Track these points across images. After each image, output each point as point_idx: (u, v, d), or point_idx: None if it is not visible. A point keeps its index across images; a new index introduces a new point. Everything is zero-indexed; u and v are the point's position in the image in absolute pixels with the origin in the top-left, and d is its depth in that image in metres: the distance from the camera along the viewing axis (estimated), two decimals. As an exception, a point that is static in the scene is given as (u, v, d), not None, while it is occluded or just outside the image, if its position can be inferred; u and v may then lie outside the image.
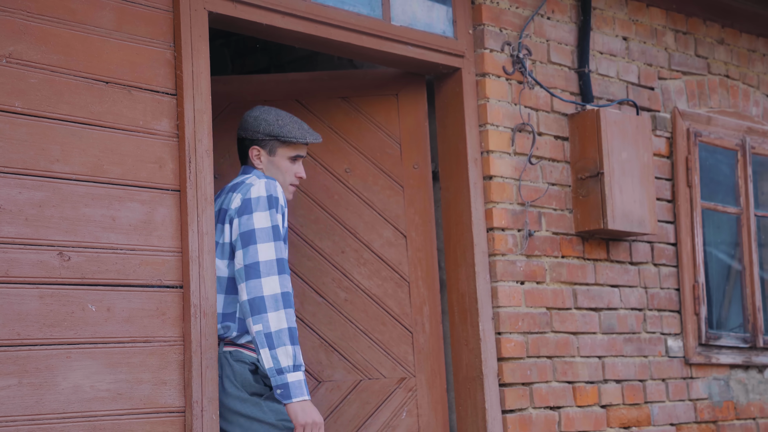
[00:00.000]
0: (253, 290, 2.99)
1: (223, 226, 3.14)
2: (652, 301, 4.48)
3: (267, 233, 3.04)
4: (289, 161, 3.27)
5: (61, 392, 2.79)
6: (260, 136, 3.24)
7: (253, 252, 3.03)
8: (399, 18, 3.81)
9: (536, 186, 4.08)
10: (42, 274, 2.80)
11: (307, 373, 3.71)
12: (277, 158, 3.26)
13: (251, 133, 3.26)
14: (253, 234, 3.04)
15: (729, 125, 4.91)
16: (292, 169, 3.28)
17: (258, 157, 3.26)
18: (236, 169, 3.59)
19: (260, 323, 2.97)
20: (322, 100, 3.86)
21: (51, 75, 2.89)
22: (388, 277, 3.87)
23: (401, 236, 3.91)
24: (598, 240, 4.28)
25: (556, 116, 4.20)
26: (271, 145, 3.25)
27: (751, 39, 5.18)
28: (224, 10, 3.28)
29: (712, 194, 4.82)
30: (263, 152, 3.26)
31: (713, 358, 4.68)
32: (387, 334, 3.83)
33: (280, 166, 3.26)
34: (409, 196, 3.93)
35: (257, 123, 3.25)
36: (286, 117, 3.26)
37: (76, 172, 2.91)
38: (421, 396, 3.85)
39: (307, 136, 3.24)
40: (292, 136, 3.23)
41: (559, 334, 4.07)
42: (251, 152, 3.27)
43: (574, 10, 4.35)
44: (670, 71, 4.73)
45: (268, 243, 3.03)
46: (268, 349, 2.96)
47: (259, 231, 3.04)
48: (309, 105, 3.86)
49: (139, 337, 2.97)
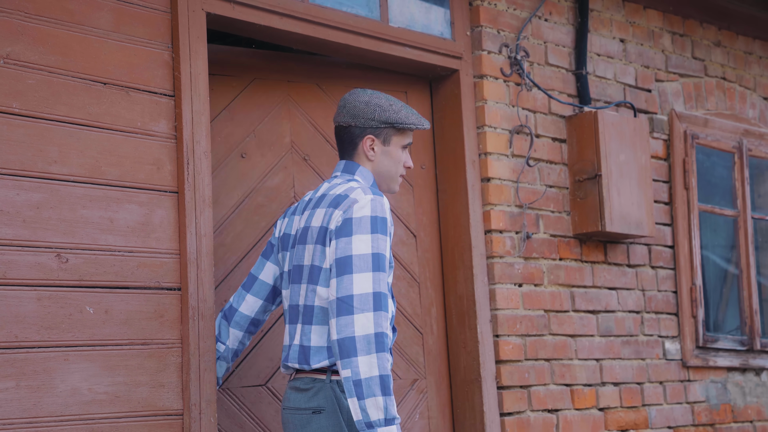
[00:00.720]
0: (344, 329, 2.58)
1: (324, 248, 2.71)
2: (649, 303, 4.47)
3: (365, 261, 2.62)
4: (402, 150, 2.90)
5: (59, 395, 2.77)
6: (375, 124, 2.83)
7: (348, 283, 2.61)
8: (397, 20, 3.81)
9: (534, 188, 4.08)
10: (40, 276, 2.78)
11: None
12: (391, 147, 2.87)
13: (364, 121, 2.83)
14: (350, 261, 2.62)
15: (726, 127, 4.92)
16: (403, 158, 2.90)
17: (372, 147, 2.85)
18: (263, 149, 3.54)
19: (348, 368, 2.57)
20: (340, 87, 3.80)
21: (49, 76, 2.88)
22: (401, 276, 3.84)
23: (412, 236, 3.89)
24: (595, 242, 4.27)
25: (553, 118, 4.20)
26: (386, 134, 2.85)
27: (748, 41, 5.18)
28: (222, 11, 3.27)
29: (709, 197, 4.82)
30: (377, 141, 2.85)
31: (710, 360, 4.68)
32: (401, 335, 3.80)
33: (394, 156, 2.87)
34: (418, 196, 3.92)
35: (370, 109, 2.83)
36: (396, 101, 2.89)
37: (74, 173, 2.89)
38: (431, 398, 3.83)
39: (423, 122, 2.88)
40: (411, 123, 2.85)
41: (557, 336, 4.07)
42: (365, 143, 2.84)
43: (572, 12, 4.35)
44: (667, 73, 4.73)
45: (365, 273, 2.61)
46: (356, 399, 2.56)
47: (357, 258, 2.62)
48: (328, 90, 3.76)
49: (137, 340, 2.95)
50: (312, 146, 3.66)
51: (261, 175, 3.54)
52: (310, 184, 3.63)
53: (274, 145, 3.58)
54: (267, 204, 3.53)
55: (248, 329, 3.04)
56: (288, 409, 2.78)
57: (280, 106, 3.62)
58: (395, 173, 2.89)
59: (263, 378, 3.41)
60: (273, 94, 3.61)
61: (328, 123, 3.71)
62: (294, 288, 2.80)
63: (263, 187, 3.53)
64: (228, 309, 3.05)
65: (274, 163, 3.57)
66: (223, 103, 3.48)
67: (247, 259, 3.45)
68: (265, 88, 3.55)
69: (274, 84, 3.59)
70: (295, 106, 3.65)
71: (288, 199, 3.57)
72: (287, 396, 2.80)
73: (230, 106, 3.50)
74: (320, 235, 2.72)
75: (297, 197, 3.59)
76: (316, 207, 2.79)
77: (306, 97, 3.69)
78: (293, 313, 2.80)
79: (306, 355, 2.72)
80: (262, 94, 3.56)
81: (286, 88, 3.64)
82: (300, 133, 3.65)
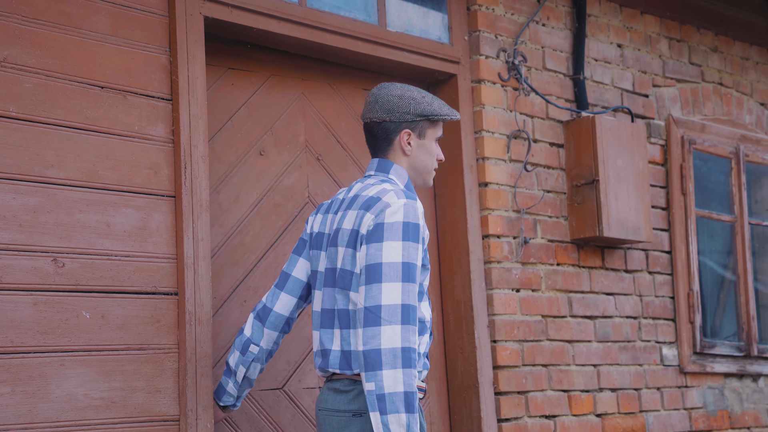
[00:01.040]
0: (370, 340, 2.49)
1: (356, 252, 2.61)
2: (646, 309, 4.47)
3: (396, 270, 2.51)
4: (434, 143, 2.80)
5: (55, 400, 2.76)
6: (411, 117, 2.73)
7: (376, 292, 2.51)
8: (395, 24, 3.80)
9: (532, 193, 4.07)
10: (36, 280, 2.77)
11: None
12: (426, 141, 2.77)
13: (399, 115, 2.72)
14: (379, 269, 2.52)
15: (723, 133, 4.92)
16: (436, 151, 2.81)
17: (408, 142, 2.75)
18: (280, 147, 3.52)
19: (373, 381, 2.47)
20: (348, 88, 3.77)
21: (46, 80, 2.87)
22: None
23: (418, 238, 3.88)
24: (593, 247, 4.26)
25: (551, 123, 4.19)
26: (422, 127, 2.75)
27: (745, 47, 5.18)
28: (220, 15, 3.26)
29: (706, 202, 4.81)
30: (413, 135, 2.75)
31: (708, 366, 4.67)
32: None
33: (428, 149, 2.78)
34: (421, 200, 3.90)
35: (405, 102, 2.73)
36: (427, 93, 2.80)
37: (71, 177, 2.88)
38: (432, 404, 3.82)
39: (454, 112, 2.79)
40: (444, 114, 2.75)
41: (555, 342, 4.06)
42: (402, 137, 2.74)
43: (569, 17, 4.35)
44: (665, 78, 4.73)
45: (394, 283, 2.50)
46: (378, 413, 2.46)
47: (386, 266, 2.52)
48: (338, 90, 3.74)
49: (133, 345, 2.93)
50: (324, 146, 3.66)
51: (278, 174, 3.52)
52: (322, 185, 3.62)
53: (290, 144, 3.57)
54: (283, 203, 3.52)
55: (283, 329, 2.92)
56: (325, 410, 2.68)
57: (295, 104, 3.61)
58: (431, 166, 2.80)
59: (280, 381, 3.39)
60: (289, 91, 3.60)
61: (339, 123, 3.70)
62: (327, 291, 2.70)
63: (280, 186, 3.52)
64: (261, 309, 2.91)
65: (290, 162, 3.56)
66: (243, 99, 3.47)
67: (265, 258, 3.43)
68: (282, 85, 3.55)
69: (290, 82, 3.58)
70: (309, 105, 3.64)
71: (302, 199, 3.56)
72: (325, 397, 2.70)
73: (249, 102, 3.48)
74: (351, 238, 2.63)
75: (311, 197, 3.58)
76: (348, 208, 2.69)
77: (319, 96, 3.68)
78: (327, 317, 2.69)
79: (348, 359, 2.63)
80: (279, 91, 3.55)
81: (301, 87, 3.63)
82: (313, 133, 3.64)
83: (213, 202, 3.33)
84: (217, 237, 3.32)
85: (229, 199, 3.38)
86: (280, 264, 3.45)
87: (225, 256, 3.33)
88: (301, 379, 3.43)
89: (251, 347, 2.91)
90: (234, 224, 3.37)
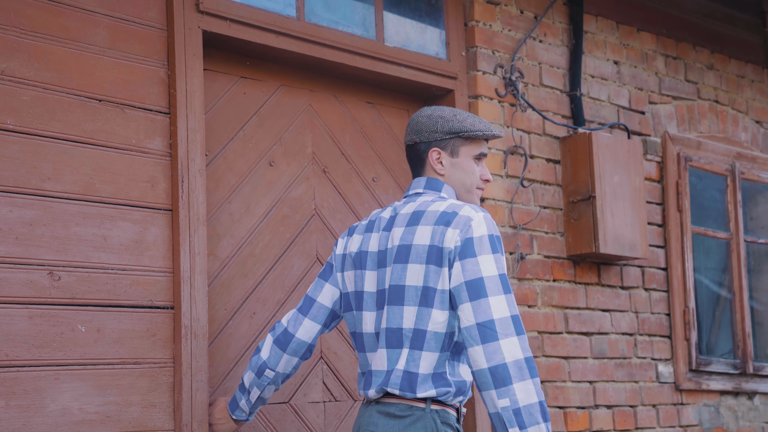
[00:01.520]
0: (493, 356, 2.43)
1: (440, 269, 2.53)
2: (642, 325, 4.46)
3: (496, 283, 2.48)
4: (474, 161, 2.72)
5: (50, 415, 2.74)
6: (439, 136, 2.68)
7: (485, 307, 2.46)
8: (393, 39, 3.81)
9: (528, 209, 4.07)
10: (31, 293, 2.76)
11: (344, 390, 3.57)
12: (460, 159, 2.70)
13: (427, 135, 2.69)
14: (482, 284, 2.47)
15: (718, 150, 4.93)
16: (477, 170, 2.72)
17: (439, 161, 2.69)
18: (289, 158, 3.52)
19: (507, 397, 2.41)
20: (353, 100, 3.77)
21: (44, 92, 2.86)
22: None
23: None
24: (589, 264, 4.26)
25: (548, 139, 4.20)
26: (453, 145, 2.69)
27: (740, 65, 5.20)
28: (218, 29, 3.26)
29: (702, 219, 4.82)
30: (444, 154, 2.69)
31: (703, 384, 4.66)
32: None
33: (465, 167, 2.70)
34: None
35: (433, 122, 2.70)
36: (461, 111, 2.74)
37: (68, 190, 2.87)
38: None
39: (492, 129, 2.71)
40: (477, 130, 2.68)
41: (551, 358, 4.05)
42: (431, 156, 2.69)
43: (566, 34, 4.36)
44: (661, 95, 4.74)
45: (499, 296, 2.47)
46: (518, 428, 2.40)
47: (488, 281, 2.48)
48: (344, 102, 3.74)
49: (129, 359, 2.92)
50: (330, 159, 3.66)
51: (286, 185, 3.51)
52: (328, 197, 3.62)
53: (298, 155, 3.57)
54: (291, 215, 3.51)
55: (304, 355, 2.86)
56: None
57: (303, 115, 3.61)
58: (470, 185, 2.71)
59: (287, 395, 3.38)
60: (297, 102, 3.60)
61: (344, 135, 3.70)
62: (393, 310, 2.58)
63: (288, 197, 3.51)
64: (282, 334, 2.83)
65: (298, 173, 3.56)
66: (254, 108, 3.47)
67: (274, 270, 3.42)
68: (291, 96, 3.55)
69: (299, 92, 3.59)
70: (316, 116, 3.64)
71: (309, 211, 3.56)
72: (374, 420, 2.59)
73: (260, 111, 3.48)
74: (431, 254, 2.54)
75: (317, 209, 3.58)
76: (412, 224, 2.60)
77: (325, 107, 3.68)
78: (394, 336, 2.57)
79: (412, 382, 2.54)
80: (288, 101, 3.55)
81: (309, 97, 3.63)
82: (320, 144, 3.64)
83: (224, 212, 3.32)
84: (228, 248, 3.32)
85: (240, 209, 3.37)
86: (288, 276, 3.45)
87: (235, 267, 3.33)
88: (307, 393, 3.42)
89: (267, 371, 2.85)
90: (245, 235, 3.37)
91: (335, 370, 3.52)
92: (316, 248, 3.54)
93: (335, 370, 3.52)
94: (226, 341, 3.26)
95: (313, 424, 3.42)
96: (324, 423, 3.45)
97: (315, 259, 3.53)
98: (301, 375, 3.41)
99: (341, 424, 3.51)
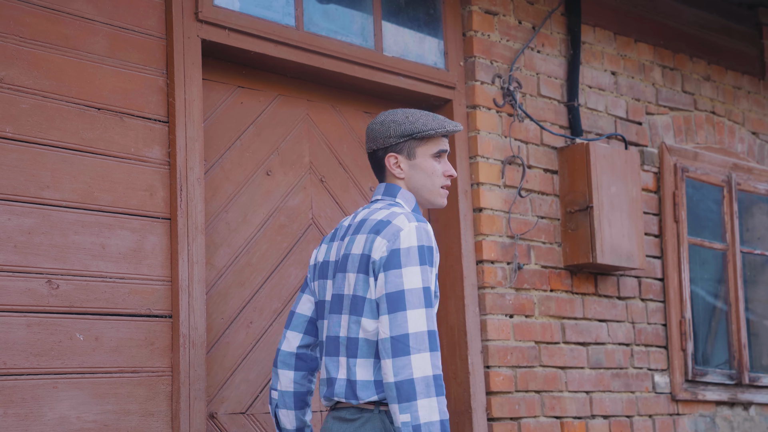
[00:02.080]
0: (401, 370, 2.44)
1: (368, 278, 2.55)
2: (639, 336, 4.46)
3: (418, 297, 2.48)
4: (434, 159, 2.70)
5: (47, 423, 2.73)
6: (393, 140, 2.69)
7: (402, 321, 2.47)
8: (391, 49, 3.81)
9: (526, 219, 4.08)
10: (30, 302, 2.75)
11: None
12: (418, 160, 2.69)
13: (382, 141, 2.70)
14: (402, 297, 2.48)
15: (715, 161, 4.94)
16: (439, 168, 2.71)
17: (397, 165, 2.70)
18: (286, 167, 3.53)
19: (408, 413, 2.42)
20: (350, 110, 3.77)
21: (43, 100, 2.86)
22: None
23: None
24: (586, 274, 4.27)
25: (545, 149, 4.21)
26: (408, 147, 2.69)
27: (737, 76, 5.22)
28: (218, 38, 3.26)
29: (698, 230, 4.83)
30: (401, 158, 2.70)
31: (699, 394, 4.66)
32: None
33: (425, 168, 2.69)
34: None
35: (386, 127, 2.70)
36: (415, 112, 2.73)
37: (67, 198, 2.87)
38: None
39: (446, 125, 2.69)
40: (429, 129, 2.67)
41: (548, 368, 4.05)
42: (388, 161, 2.70)
43: (564, 44, 4.37)
44: (658, 106, 4.75)
45: (418, 310, 2.47)
46: None
47: (409, 294, 2.48)
48: (341, 111, 3.75)
49: (127, 368, 2.91)
50: (327, 168, 3.66)
51: (283, 195, 3.52)
52: (325, 206, 3.62)
53: (295, 165, 3.58)
54: (288, 224, 3.51)
55: (297, 366, 2.80)
56: None
57: (301, 125, 3.62)
58: (432, 186, 2.71)
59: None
60: (294, 112, 3.61)
61: (341, 145, 3.71)
62: (333, 318, 2.63)
63: (285, 206, 3.52)
64: (276, 355, 2.84)
65: (295, 183, 3.56)
66: (251, 118, 3.47)
67: (271, 279, 3.42)
68: (288, 105, 3.57)
69: (296, 102, 3.60)
70: (313, 126, 3.65)
71: (306, 221, 3.56)
72: (330, 426, 2.64)
73: (257, 121, 3.49)
74: (362, 263, 2.56)
75: (315, 219, 3.58)
76: (356, 233, 2.63)
77: (322, 117, 3.69)
78: (332, 345, 2.62)
79: (353, 389, 2.56)
80: (285, 111, 3.56)
81: (306, 107, 3.64)
82: (317, 154, 3.64)
83: (221, 222, 3.33)
84: (225, 257, 3.32)
85: (237, 218, 3.37)
86: (285, 285, 3.45)
87: (232, 277, 3.33)
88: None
89: (272, 393, 2.83)
90: (242, 244, 3.37)
91: (332, 380, 3.52)
92: (313, 257, 3.54)
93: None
94: (223, 350, 3.26)
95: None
96: (321, 432, 3.45)
97: (312, 269, 3.53)
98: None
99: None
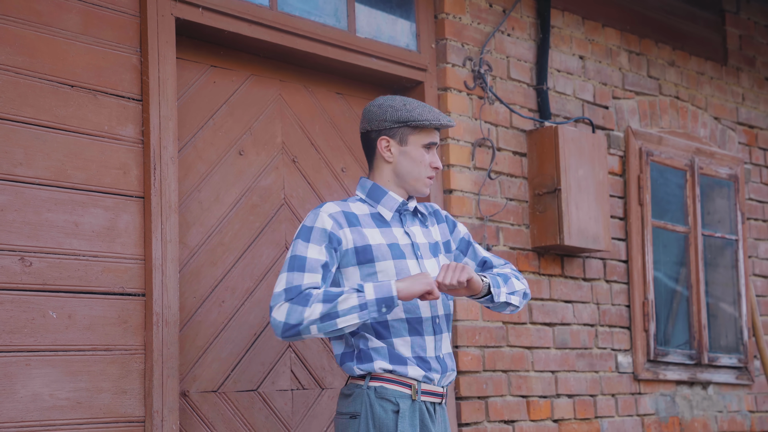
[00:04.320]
0: None
1: None
2: (603, 317, 4.54)
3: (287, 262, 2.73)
4: (423, 149, 2.84)
5: (20, 400, 2.73)
6: (388, 125, 2.81)
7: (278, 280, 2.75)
8: (364, 30, 3.82)
9: (495, 201, 4.12)
10: (2, 279, 2.74)
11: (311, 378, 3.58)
12: (409, 148, 2.83)
13: (377, 123, 2.83)
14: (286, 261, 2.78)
15: (679, 145, 5.01)
16: (427, 158, 2.85)
17: (388, 149, 2.83)
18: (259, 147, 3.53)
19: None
20: (322, 90, 3.78)
21: (15, 77, 2.84)
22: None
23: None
24: (553, 255, 4.32)
25: (514, 132, 4.24)
26: (402, 133, 2.82)
27: (700, 62, 5.29)
28: (191, 17, 3.25)
29: (662, 213, 4.90)
30: (393, 142, 2.83)
31: (661, 374, 4.75)
32: None
33: (414, 156, 2.83)
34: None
35: (383, 111, 2.83)
36: (413, 101, 2.86)
37: (40, 176, 2.85)
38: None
39: (441, 118, 2.82)
40: (425, 119, 2.80)
41: (515, 348, 4.10)
42: (379, 144, 2.83)
43: (534, 28, 4.41)
44: (624, 91, 4.81)
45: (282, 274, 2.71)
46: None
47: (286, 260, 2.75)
48: (314, 92, 3.75)
49: (100, 346, 2.92)
50: (300, 148, 3.66)
51: (256, 174, 3.52)
52: (297, 186, 3.62)
53: (267, 145, 3.57)
54: (261, 204, 3.51)
55: None
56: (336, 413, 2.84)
57: (273, 105, 3.61)
58: (418, 174, 2.85)
59: (255, 383, 3.39)
60: (267, 92, 3.60)
61: (314, 125, 3.71)
62: None
63: (257, 186, 3.52)
64: None
65: (267, 163, 3.56)
66: (224, 97, 3.46)
67: (243, 259, 3.42)
68: (261, 85, 3.56)
69: (269, 82, 3.59)
70: (286, 106, 3.64)
71: (278, 201, 3.56)
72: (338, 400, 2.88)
73: (230, 100, 3.48)
74: None
75: (287, 199, 3.59)
76: None
77: (295, 97, 3.68)
78: None
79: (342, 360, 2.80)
80: (258, 91, 3.55)
81: (279, 87, 3.63)
82: (289, 134, 3.64)
83: (194, 201, 3.32)
84: (198, 236, 3.32)
85: (210, 198, 3.37)
86: (257, 265, 3.46)
87: (205, 256, 3.33)
88: (275, 381, 3.43)
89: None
90: (214, 223, 3.37)
91: (303, 359, 3.54)
92: (285, 237, 3.55)
93: (303, 358, 3.54)
94: (195, 329, 3.26)
95: (281, 412, 3.44)
96: (292, 410, 3.47)
97: (284, 249, 3.54)
98: (269, 363, 3.43)
99: (309, 412, 3.53)
